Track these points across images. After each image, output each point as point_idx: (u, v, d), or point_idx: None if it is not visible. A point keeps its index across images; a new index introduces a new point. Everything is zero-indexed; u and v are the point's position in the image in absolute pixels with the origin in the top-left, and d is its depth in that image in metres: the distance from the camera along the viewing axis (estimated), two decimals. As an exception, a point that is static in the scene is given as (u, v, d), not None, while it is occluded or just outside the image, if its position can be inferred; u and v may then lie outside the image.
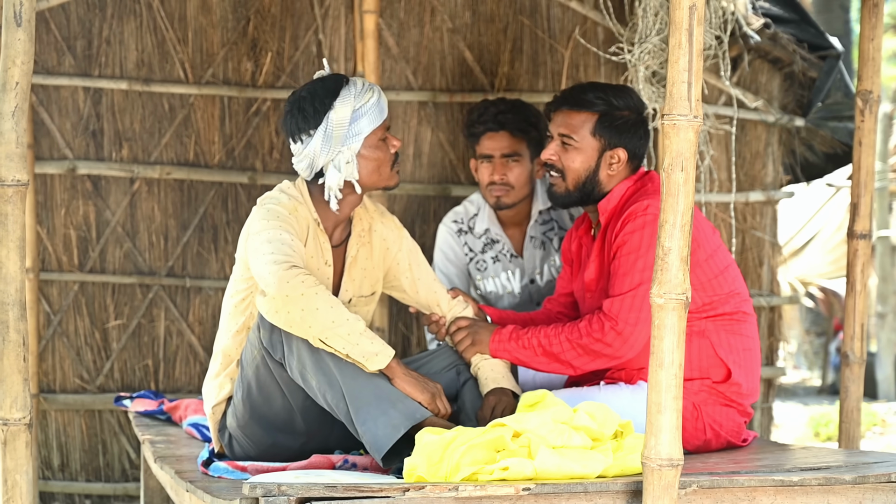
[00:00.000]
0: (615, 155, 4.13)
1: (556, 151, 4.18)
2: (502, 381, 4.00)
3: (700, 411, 4.00)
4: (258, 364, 3.77)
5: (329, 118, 3.81)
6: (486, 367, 4.04)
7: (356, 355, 3.60)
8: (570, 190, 4.18)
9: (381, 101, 3.89)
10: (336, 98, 3.82)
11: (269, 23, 5.97)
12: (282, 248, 3.67)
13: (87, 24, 5.92)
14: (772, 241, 6.23)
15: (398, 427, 3.52)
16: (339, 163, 3.85)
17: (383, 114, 3.89)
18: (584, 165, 4.14)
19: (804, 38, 6.08)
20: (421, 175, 6.06)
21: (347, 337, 3.59)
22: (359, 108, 3.83)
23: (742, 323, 4.09)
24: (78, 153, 5.94)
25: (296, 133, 3.86)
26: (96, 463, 6.04)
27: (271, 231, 3.73)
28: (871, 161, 4.48)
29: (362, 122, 3.84)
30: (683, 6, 2.94)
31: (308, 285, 3.57)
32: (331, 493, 2.95)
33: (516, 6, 6.03)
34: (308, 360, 3.63)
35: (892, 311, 12.87)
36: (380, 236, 4.13)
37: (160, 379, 6.02)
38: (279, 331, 3.67)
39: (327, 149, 3.83)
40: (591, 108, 4.13)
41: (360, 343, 3.60)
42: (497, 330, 4.11)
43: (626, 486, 3.11)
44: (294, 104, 3.87)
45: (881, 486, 3.30)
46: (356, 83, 3.88)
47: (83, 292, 5.99)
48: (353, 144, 3.84)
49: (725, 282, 4.06)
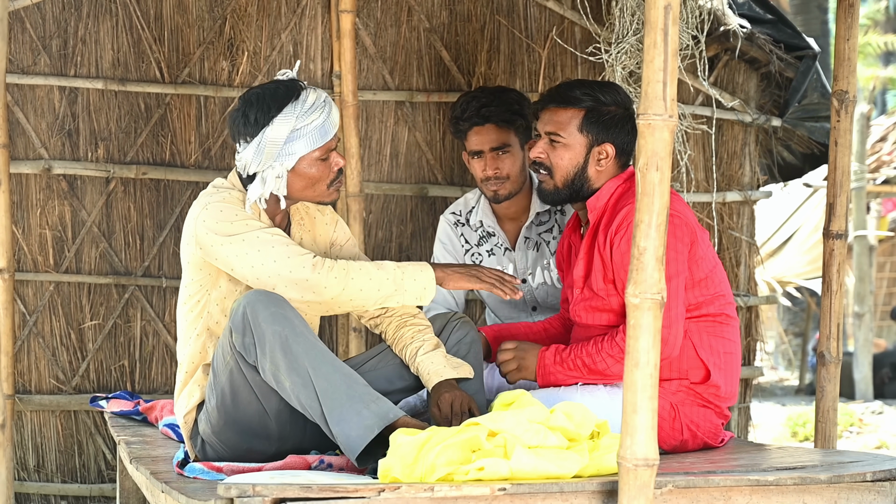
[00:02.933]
0: (603, 150, 4.12)
1: (543, 149, 4.17)
2: (445, 371, 3.92)
3: (678, 411, 4.00)
4: (231, 369, 3.75)
5: (265, 133, 3.78)
6: (426, 361, 3.94)
7: (410, 301, 3.88)
8: (558, 187, 4.17)
9: (326, 123, 3.82)
10: (278, 114, 3.77)
11: (245, 22, 5.96)
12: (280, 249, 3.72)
13: (62, 24, 5.89)
14: (749, 241, 6.24)
15: (371, 427, 3.50)
16: (268, 176, 3.81)
17: (326, 136, 3.83)
18: (573, 162, 4.13)
19: (781, 38, 6.09)
20: (398, 175, 6.05)
21: (395, 292, 3.84)
22: (299, 128, 3.78)
23: (725, 326, 4.09)
24: (53, 153, 5.91)
25: (235, 134, 3.85)
26: (72, 464, 6.01)
27: (248, 233, 3.72)
28: (846, 161, 4.49)
29: (298, 143, 3.80)
30: (658, 6, 2.93)
31: (339, 277, 3.76)
32: (306, 493, 2.94)
33: (493, 6, 6.02)
34: (282, 361, 3.61)
35: (869, 310, 12.93)
36: (320, 222, 4.13)
37: (136, 379, 5.99)
38: (252, 334, 3.64)
39: (258, 160, 3.81)
40: (578, 105, 4.12)
41: (407, 289, 3.85)
42: (541, 355, 4.11)
43: (601, 486, 3.11)
44: (242, 104, 3.84)
45: (856, 485, 3.30)
46: (306, 101, 3.81)
47: (59, 292, 5.96)
48: (286, 162, 3.81)
49: (712, 283, 4.06)
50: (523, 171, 4.93)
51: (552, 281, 5.01)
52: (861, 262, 12.90)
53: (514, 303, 5.11)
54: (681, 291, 3.92)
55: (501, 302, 5.13)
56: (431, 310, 5.02)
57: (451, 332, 4.11)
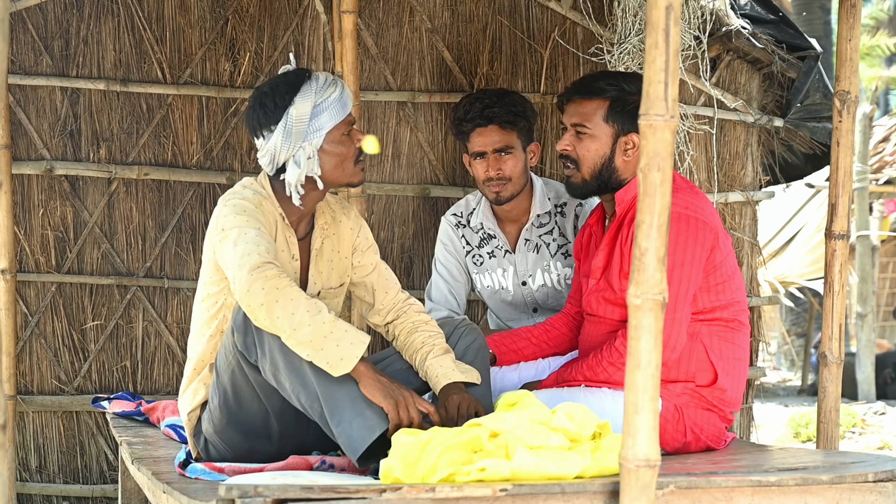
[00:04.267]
0: (630, 140, 4.11)
1: (570, 142, 4.16)
2: (453, 374, 3.91)
3: (682, 413, 3.99)
4: (233, 369, 3.75)
5: (289, 114, 3.80)
6: (435, 365, 3.94)
7: (320, 362, 3.54)
8: (586, 180, 4.16)
9: (343, 96, 3.87)
10: (297, 94, 3.81)
11: (247, 23, 5.96)
12: (247, 247, 3.63)
13: (64, 24, 5.90)
14: (751, 241, 6.23)
15: (373, 428, 3.50)
16: (300, 158, 3.82)
17: (346, 108, 3.87)
18: (599, 153, 4.13)
19: (783, 38, 6.08)
20: (400, 175, 6.05)
21: (310, 343, 3.53)
22: (320, 103, 3.82)
23: (736, 332, 4.09)
24: (55, 153, 5.92)
25: (257, 129, 3.86)
26: (74, 464, 6.01)
27: (237, 229, 3.70)
28: (848, 162, 4.48)
29: (323, 117, 3.82)
30: (660, 6, 2.93)
31: (268, 291, 3.52)
32: (307, 494, 2.93)
33: (495, 6, 6.02)
34: (281, 361, 3.61)
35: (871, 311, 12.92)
36: (345, 227, 4.12)
37: (138, 380, 6.00)
38: (252, 333, 3.64)
39: (288, 144, 3.82)
40: (603, 95, 4.11)
41: (324, 348, 3.53)
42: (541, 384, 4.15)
43: (603, 487, 3.11)
44: (256, 100, 3.86)
45: (858, 486, 3.30)
46: (318, 78, 3.86)
47: (61, 293, 5.96)
48: (315, 140, 3.82)
49: (729, 289, 4.06)
50: (524, 172, 4.94)
51: (552, 283, 5.01)
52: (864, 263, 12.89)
53: (515, 304, 5.12)
54: (689, 295, 3.92)
55: (502, 303, 5.14)
56: (433, 311, 5.03)
57: (459, 337, 4.11)
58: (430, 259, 5.82)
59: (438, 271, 5.16)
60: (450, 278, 5.13)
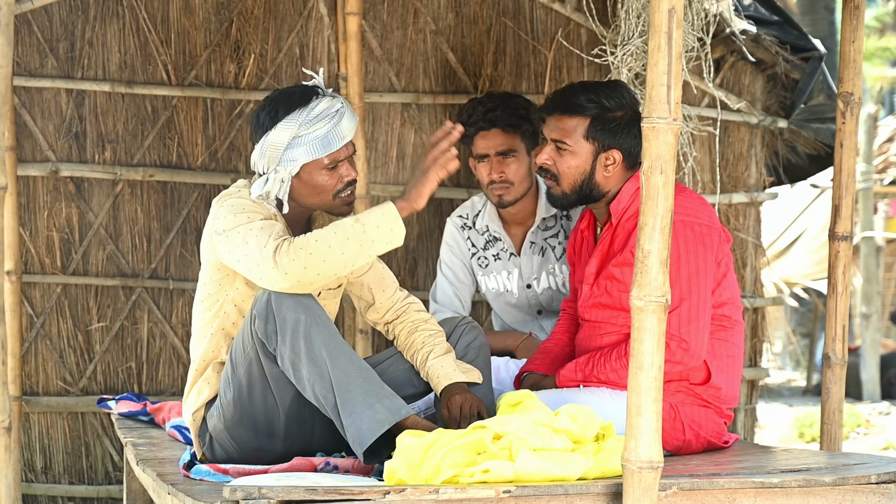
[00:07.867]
0: (610, 156, 4.11)
1: (550, 156, 4.16)
2: (455, 374, 3.91)
3: (677, 411, 4.00)
4: (251, 360, 3.75)
5: (268, 136, 3.80)
6: (437, 365, 3.94)
7: (383, 248, 3.66)
8: (566, 193, 4.17)
9: (330, 135, 3.80)
10: (282, 120, 3.78)
11: (251, 25, 5.97)
12: (259, 239, 3.64)
13: (69, 26, 5.91)
14: (755, 242, 6.23)
15: (382, 422, 3.51)
16: (271, 178, 3.82)
17: (330, 147, 3.80)
18: (580, 169, 4.12)
19: (787, 39, 6.09)
20: (404, 177, 6.06)
21: (361, 248, 3.62)
22: (300, 136, 3.78)
23: (729, 330, 4.09)
24: (61, 155, 5.93)
25: (251, 134, 3.89)
26: (79, 465, 6.02)
27: (241, 227, 3.70)
28: (852, 163, 4.49)
29: (298, 150, 3.79)
30: (662, 9, 2.94)
31: (298, 256, 3.58)
32: (311, 495, 2.95)
33: (499, 8, 6.03)
34: (302, 348, 3.61)
35: (876, 311, 12.91)
36: None
37: (143, 381, 6.01)
38: (274, 320, 3.64)
39: (263, 163, 3.83)
40: (583, 113, 4.10)
41: (374, 238, 3.64)
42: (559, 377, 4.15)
43: (606, 489, 3.12)
44: (261, 105, 3.87)
45: (861, 487, 3.31)
46: (314, 109, 3.80)
47: (66, 294, 5.98)
48: (289, 167, 3.81)
49: (725, 289, 4.07)
50: (529, 176, 4.94)
51: (557, 286, 5.01)
52: (868, 263, 12.88)
53: (519, 306, 5.12)
54: (709, 301, 3.93)
55: (507, 305, 5.14)
56: (438, 313, 5.03)
57: (460, 336, 4.12)
58: (434, 260, 5.83)
59: (443, 273, 5.16)
60: (455, 280, 5.14)
